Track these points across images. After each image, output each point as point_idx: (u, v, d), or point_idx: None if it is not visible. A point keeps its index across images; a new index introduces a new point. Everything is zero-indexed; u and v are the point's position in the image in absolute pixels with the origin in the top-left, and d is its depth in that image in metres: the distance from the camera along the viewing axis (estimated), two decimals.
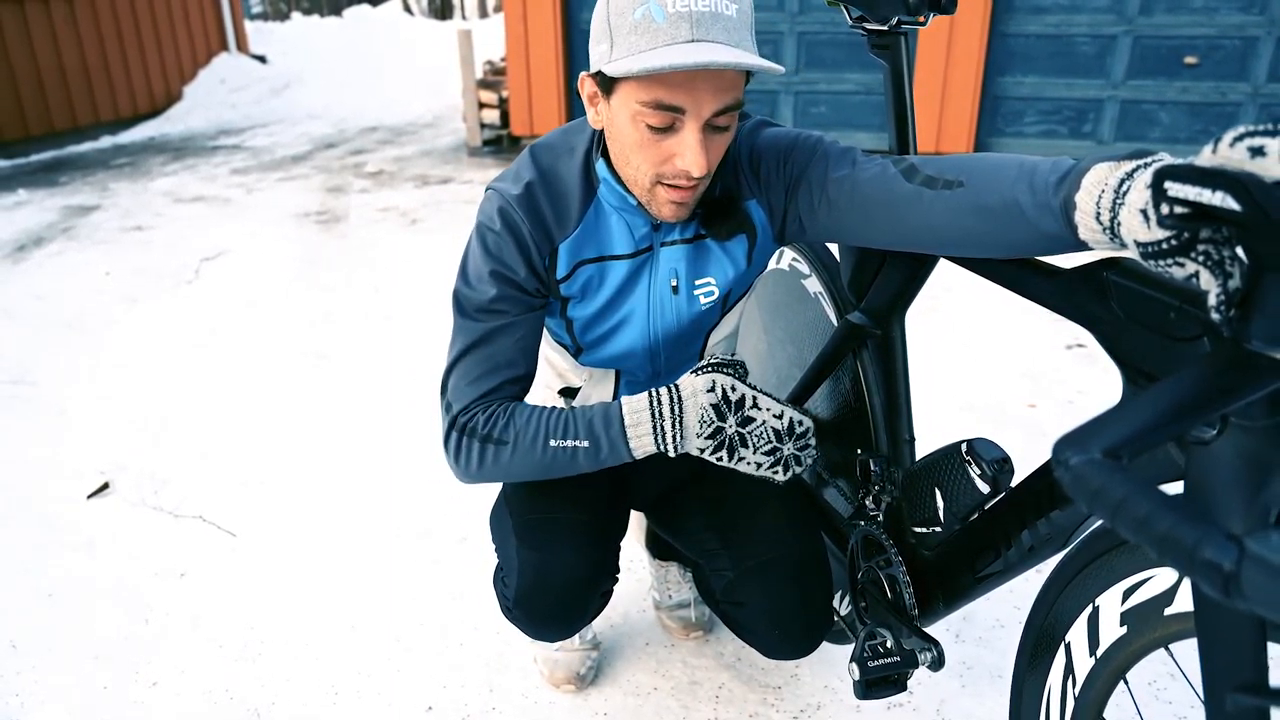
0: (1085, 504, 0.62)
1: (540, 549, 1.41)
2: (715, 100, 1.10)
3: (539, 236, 1.28)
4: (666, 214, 1.23)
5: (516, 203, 1.27)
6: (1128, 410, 0.67)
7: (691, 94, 1.09)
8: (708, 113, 1.11)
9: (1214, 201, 0.65)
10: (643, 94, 1.10)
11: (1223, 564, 0.54)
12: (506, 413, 1.30)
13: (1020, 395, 3.00)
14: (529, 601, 1.43)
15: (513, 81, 7.49)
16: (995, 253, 1.04)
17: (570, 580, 1.42)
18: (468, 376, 1.33)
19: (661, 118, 1.11)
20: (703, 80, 1.08)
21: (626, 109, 1.14)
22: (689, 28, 1.05)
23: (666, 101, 1.10)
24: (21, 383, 3.24)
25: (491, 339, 1.31)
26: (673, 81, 1.08)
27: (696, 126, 1.12)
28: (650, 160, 1.16)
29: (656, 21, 1.06)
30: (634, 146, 1.16)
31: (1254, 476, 0.77)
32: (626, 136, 1.17)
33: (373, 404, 3.03)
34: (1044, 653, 1.10)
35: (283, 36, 14.47)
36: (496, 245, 1.28)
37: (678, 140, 1.13)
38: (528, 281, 1.30)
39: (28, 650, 1.91)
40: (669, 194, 1.20)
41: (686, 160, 1.13)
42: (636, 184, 1.22)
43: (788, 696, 1.76)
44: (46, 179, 6.78)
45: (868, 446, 1.54)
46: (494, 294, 1.29)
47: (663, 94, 1.09)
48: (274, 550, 2.25)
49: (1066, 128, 6.50)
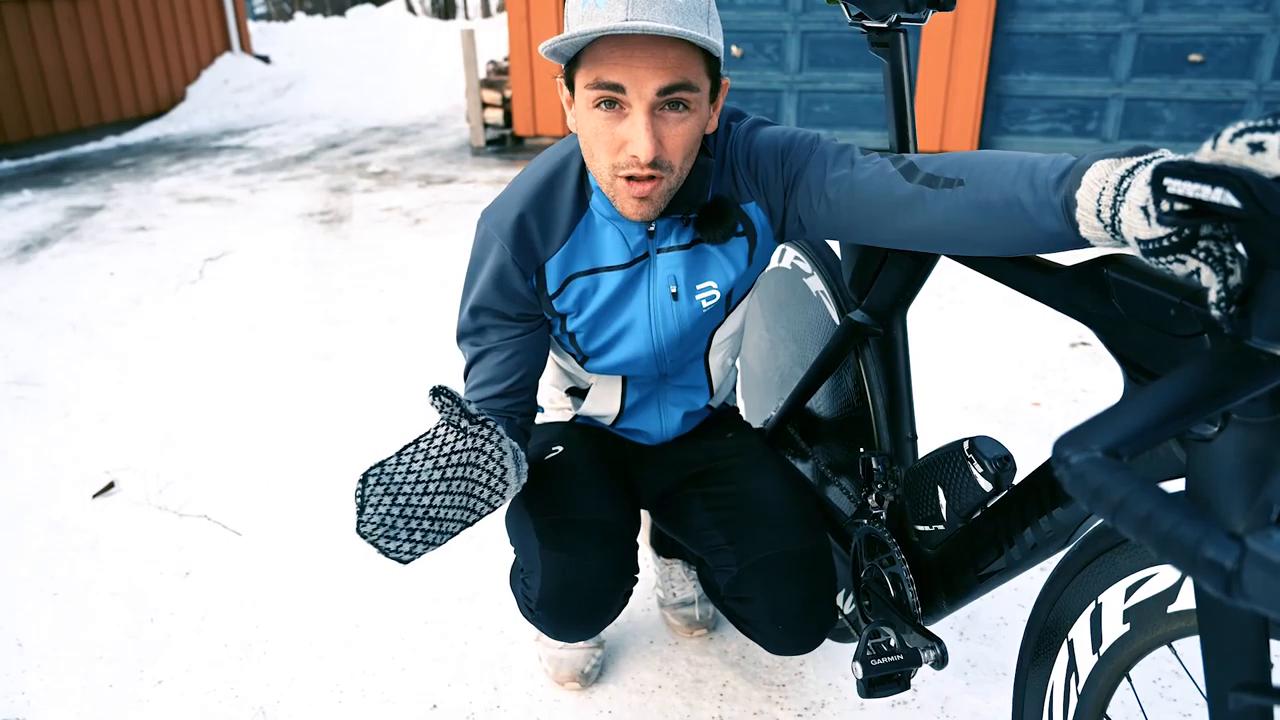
0: (1085, 503, 0.61)
1: (566, 550, 1.41)
2: (655, 77, 1.11)
3: (523, 261, 1.31)
4: (630, 210, 1.22)
5: (500, 231, 1.31)
6: (1128, 408, 0.67)
7: (629, 71, 1.10)
8: (650, 92, 1.11)
9: (1214, 198, 0.65)
10: (587, 77, 1.13)
11: (1224, 563, 0.53)
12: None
13: (1025, 393, 3.00)
14: (555, 602, 1.43)
15: (516, 81, 7.50)
16: (996, 251, 1.04)
17: (597, 580, 1.42)
18: (469, 385, 1.41)
19: (602, 95, 1.13)
20: (641, 58, 1.09)
21: (581, 99, 1.16)
22: (624, 9, 1.07)
23: (605, 79, 1.11)
24: (26, 383, 3.25)
25: (483, 358, 1.38)
26: (611, 60, 1.10)
27: (643, 108, 1.12)
28: (606, 149, 1.17)
29: (598, 7, 1.08)
30: (593, 136, 1.18)
31: (1256, 473, 0.77)
32: (586, 127, 1.18)
33: (376, 404, 3.03)
34: (1047, 650, 1.10)
35: (286, 36, 14.48)
36: (480, 278, 1.34)
37: (628, 124, 1.14)
38: (512, 308, 1.34)
39: (33, 649, 1.92)
40: (629, 188, 1.19)
41: (635, 145, 1.13)
42: (601, 179, 1.22)
43: (792, 694, 1.76)
44: (51, 179, 6.79)
45: (870, 445, 1.54)
46: (480, 323, 1.36)
47: (601, 72, 1.11)
48: (278, 550, 2.25)
49: (1071, 126, 6.49)
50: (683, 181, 1.23)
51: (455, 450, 1.18)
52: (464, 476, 1.19)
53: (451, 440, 1.18)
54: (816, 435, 1.82)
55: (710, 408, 1.64)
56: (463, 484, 1.19)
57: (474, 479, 1.20)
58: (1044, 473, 1.11)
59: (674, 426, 1.59)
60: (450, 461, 1.17)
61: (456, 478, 1.18)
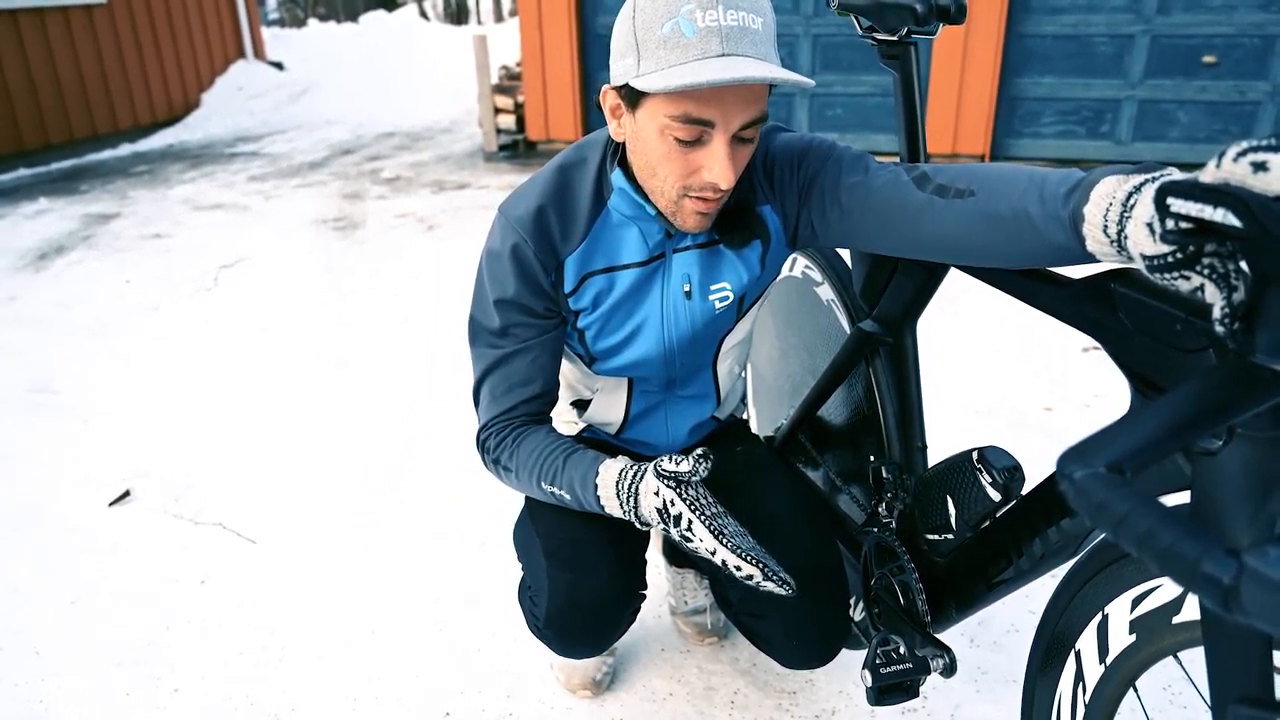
0: (1089, 518, 0.62)
1: (572, 569, 1.42)
2: (743, 113, 1.11)
3: (544, 255, 1.30)
4: (691, 225, 1.24)
5: (521, 225, 1.29)
6: (1132, 423, 0.68)
7: (721, 107, 1.10)
8: (736, 126, 1.12)
9: (1215, 217, 0.65)
10: (672, 108, 1.11)
11: (1223, 579, 0.54)
12: (515, 441, 1.36)
13: (1038, 398, 2.99)
14: (561, 621, 1.44)
15: (528, 87, 7.52)
16: (1004, 262, 1.05)
17: (603, 600, 1.42)
18: (489, 395, 1.39)
19: (690, 131, 1.12)
20: (731, 94, 1.09)
21: (654, 122, 1.14)
22: (719, 42, 1.06)
23: (696, 115, 1.10)
24: (45, 391, 3.28)
25: (506, 362, 1.36)
26: (702, 96, 1.09)
27: (725, 139, 1.12)
28: (677, 173, 1.17)
29: (686, 36, 1.06)
30: (661, 159, 1.17)
31: (1259, 487, 0.77)
32: (653, 150, 1.17)
33: (391, 411, 3.05)
34: (1055, 659, 1.10)
35: (300, 43, 14.54)
36: (502, 271, 1.31)
37: (706, 153, 1.14)
38: (535, 304, 1.32)
39: (51, 656, 1.94)
40: (695, 205, 1.20)
41: (715, 173, 1.14)
42: (663, 195, 1.22)
43: (803, 702, 1.76)
44: (67, 187, 6.85)
45: (881, 454, 1.55)
46: (503, 321, 1.33)
47: (692, 108, 1.10)
48: (293, 557, 2.27)
49: (1084, 128, 6.47)
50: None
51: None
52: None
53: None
54: (828, 443, 1.83)
55: (717, 419, 1.64)
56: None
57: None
58: (1052, 483, 1.11)
59: (680, 438, 1.59)
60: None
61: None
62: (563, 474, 1.30)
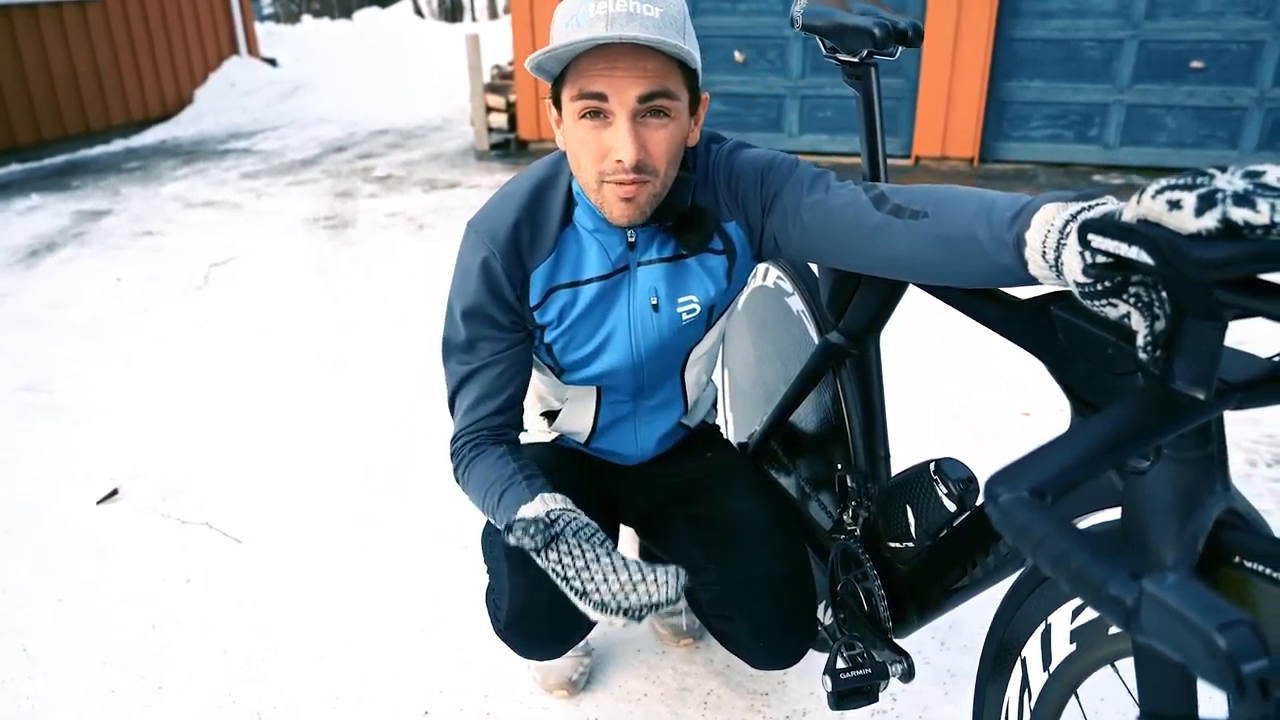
0: (1009, 539, 0.66)
1: (529, 574, 1.44)
2: (636, 85, 1.16)
3: (511, 269, 1.33)
4: (617, 213, 1.25)
5: (492, 239, 1.33)
6: (1058, 447, 0.72)
7: (611, 80, 1.15)
8: (631, 99, 1.16)
9: (1130, 255, 0.69)
10: (572, 90, 1.19)
11: (1125, 600, 0.58)
12: (469, 464, 1.39)
13: (1014, 403, 3.03)
14: (521, 624, 1.48)
15: (520, 86, 7.55)
16: (955, 282, 1.09)
17: (560, 603, 1.44)
18: (459, 408, 1.43)
19: (587, 105, 1.18)
20: (622, 68, 1.15)
21: (569, 113, 1.21)
22: (604, 25, 1.12)
23: (588, 89, 1.17)
24: (35, 389, 3.31)
25: (474, 377, 1.40)
26: (593, 71, 1.16)
27: (625, 115, 1.17)
28: (591, 158, 1.22)
29: (580, 25, 1.14)
30: (579, 146, 1.22)
31: (1183, 506, 0.81)
32: (574, 140, 1.23)
33: (381, 412, 3.09)
34: (1003, 666, 1.14)
35: (293, 39, 14.55)
36: (469, 285, 1.35)
37: (611, 132, 1.19)
38: (501, 316, 1.36)
39: (38, 654, 1.98)
40: (615, 190, 1.23)
41: (620, 149, 1.18)
42: (589, 188, 1.26)
43: (774, 703, 1.80)
44: (59, 183, 6.86)
45: (847, 462, 1.58)
46: (470, 334, 1.37)
47: (584, 83, 1.17)
48: (278, 557, 2.30)
49: (1073, 132, 6.51)
50: (667, 189, 1.28)
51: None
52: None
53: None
54: (799, 450, 1.86)
55: (686, 426, 1.67)
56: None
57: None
58: None
59: (649, 448, 1.62)
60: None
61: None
62: (499, 509, 1.32)
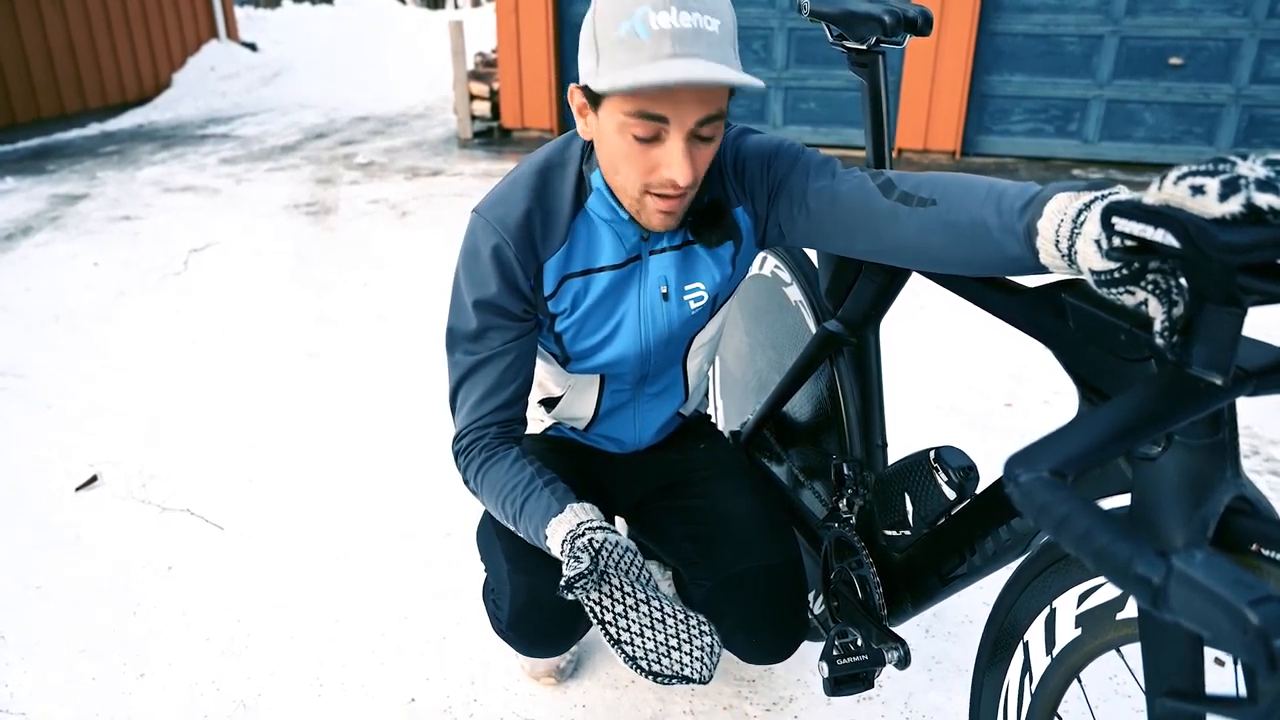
0: (1031, 518, 0.65)
1: (532, 573, 1.43)
2: (698, 110, 1.13)
3: (525, 258, 1.30)
4: (656, 223, 1.25)
5: (504, 226, 1.29)
6: (1076, 429, 0.71)
7: (674, 105, 1.11)
8: (691, 123, 1.13)
9: (1156, 238, 0.69)
10: (628, 105, 1.13)
11: (1153, 579, 0.58)
12: (482, 467, 1.36)
13: (1000, 394, 3.05)
14: (524, 624, 1.47)
15: (504, 74, 7.51)
16: (962, 270, 1.08)
17: (564, 604, 1.42)
18: (463, 402, 1.39)
19: (646, 128, 1.14)
20: (685, 92, 1.11)
21: (613, 120, 1.16)
22: (671, 43, 1.07)
23: (650, 111, 1.12)
24: (9, 375, 3.26)
25: (480, 368, 1.35)
26: (656, 93, 1.11)
27: (681, 136, 1.14)
28: (638, 170, 1.19)
29: (640, 38, 1.08)
30: (622, 157, 1.19)
31: (1193, 492, 0.81)
32: (614, 147, 1.19)
33: (359, 399, 3.06)
34: (1003, 651, 1.14)
35: (274, 24, 14.41)
36: (482, 272, 1.31)
37: (663, 150, 1.16)
38: (514, 305, 1.32)
39: (17, 642, 1.94)
40: (657, 203, 1.22)
41: (673, 170, 1.15)
42: (625, 194, 1.24)
43: (761, 689, 1.80)
44: (34, 167, 6.77)
45: (842, 451, 1.58)
46: (480, 324, 1.33)
47: (646, 104, 1.12)
48: (261, 544, 2.28)
49: (1053, 126, 6.55)
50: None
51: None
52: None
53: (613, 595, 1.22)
54: (792, 440, 1.86)
55: (681, 415, 1.67)
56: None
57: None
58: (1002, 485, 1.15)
59: (648, 435, 1.62)
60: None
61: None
62: (522, 514, 1.31)
